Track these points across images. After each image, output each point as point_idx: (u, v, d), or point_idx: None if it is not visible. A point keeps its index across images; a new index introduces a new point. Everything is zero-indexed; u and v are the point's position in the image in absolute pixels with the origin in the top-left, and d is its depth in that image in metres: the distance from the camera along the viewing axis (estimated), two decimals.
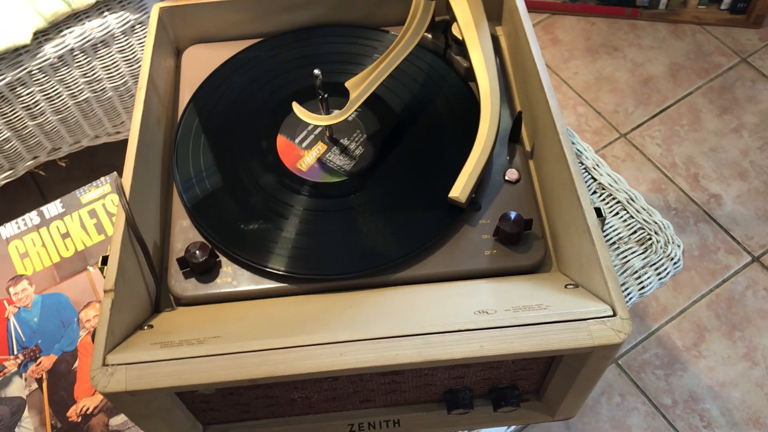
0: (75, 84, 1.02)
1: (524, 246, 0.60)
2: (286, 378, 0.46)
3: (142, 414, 0.50)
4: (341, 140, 0.66)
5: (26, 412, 0.65)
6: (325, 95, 0.63)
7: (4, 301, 0.70)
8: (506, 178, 0.64)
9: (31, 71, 0.97)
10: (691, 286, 1.25)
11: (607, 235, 0.72)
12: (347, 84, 0.63)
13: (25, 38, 0.93)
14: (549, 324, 0.47)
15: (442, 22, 0.71)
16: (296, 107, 0.62)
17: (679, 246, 0.72)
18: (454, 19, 0.69)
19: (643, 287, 0.69)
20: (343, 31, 0.74)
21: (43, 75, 0.99)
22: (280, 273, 0.58)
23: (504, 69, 0.73)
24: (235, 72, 0.71)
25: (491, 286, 0.56)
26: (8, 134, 1.03)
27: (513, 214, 0.59)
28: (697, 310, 1.23)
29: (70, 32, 0.97)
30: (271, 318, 0.54)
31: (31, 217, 0.75)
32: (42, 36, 0.96)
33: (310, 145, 0.65)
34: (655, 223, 0.72)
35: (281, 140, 0.66)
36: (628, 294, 0.69)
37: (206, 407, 0.56)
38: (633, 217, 0.73)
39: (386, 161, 0.64)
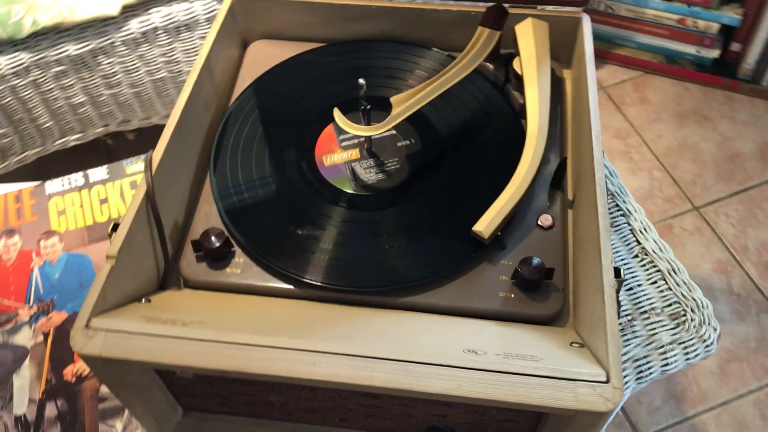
0: (154, 61, 1.05)
1: (542, 295, 0.57)
2: (256, 377, 0.45)
3: (116, 384, 0.50)
4: (379, 155, 0.65)
5: (27, 362, 0.66)
6: (368, 106, 0.62)
7: (33, 252, 0.73)
8: (539, 222, 0.61)
9: (115, 42, 1.01)
10: (740, 379, 1.17)
11: (639, 302, 0.68)
12: (392, 99, 0.62)
13: (114, 10, 0.97)
14: (534, 377, 0.44)
15: (506, 55, 0.70)
16: (337, 113, 0.61)
17: (715, 329, 0.67)
18: (518, 53, 0.68)
19: (666, 364, 0.65)
20: (405, 49, 0.73)
21: (125, 48, 1.02)
22: (287, 274, 0.57)
23: (563, 114, 0.71)
24: (290, 72, 0.72)
25: (494, 329, 0.53)
26: (84, 99, 1.07)
27: (535, 260, 0.56)
28: (741, 406, 1.15)
29: (157, 11, 1.00)
30: (265, 316, 0.54)
31: (77, 178, 0.78)
32: (130, 11, 1.00)
33: (346, 147, 0.65)
34: (694, 300, 0.68)
35: (327, 131, 0.66)
36: (649, 368, 0.65)
37: (186, 391, 0.56)
38: (671, 290, 0.69)
39: (419, 182, 0.63)
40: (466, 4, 0.72)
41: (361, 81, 0.59)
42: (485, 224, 0.58)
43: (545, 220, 0.61)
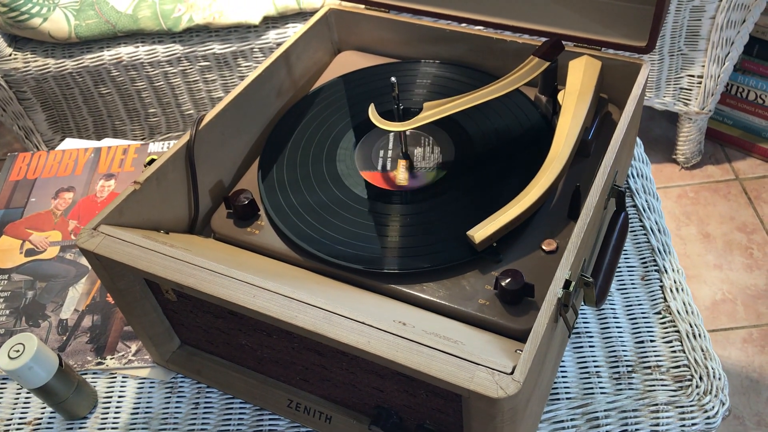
0: None
1: (520, 310, 0.57)
2: (205, 296, 0.51)
3: (111, 287, 0.58)
4: (412, 158, 0.69)
5: (83, 279, 0.77)
6: (401, 106, 0.67)
7: None
8: (542, 246, 0.62)
9: (254, 48, 1.14)
10: None
11: (646, 357, 0.65)
12: (425, 104, 0.66)
13: (256, 20, 1.11)
14: (441, 352, 0.45)
15: (557, 89, 0.71)
16: (372, 109, 0.67)
17: (723, 403, 0.62)
18: (564, 86, 0.69)
19: (657, 424, 0.61)
20: (468, 74, 0.77)
21: (262, 55, 1.15)
22: (289, 237, 0.63)
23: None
24: (358, 80, 0.78)
25: (448, 323, 0.55)
26: (222, 94, 1.22)
27: (517, 273, 0.57)
28: None
29: (293, 26, 1.13)
30: (251, 264, 0.59)
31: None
32: (270, 22, 1.13)
33: (393, 167, 0.69)
34: (707, 368, 0.63)
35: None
36: (637, 423, 0.61)
37: (176, 318, 0.62)
38: (685, 352, 0.65)
39: (438, 186, 0.66)
40: (533, 38, 0.75)
41: (393, 79, 0.64)
42: (478, 231, 0.60)
43: (548, 244, 0.62)
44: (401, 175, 0.67)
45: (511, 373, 0.44)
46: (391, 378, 0.52)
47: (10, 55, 1.16)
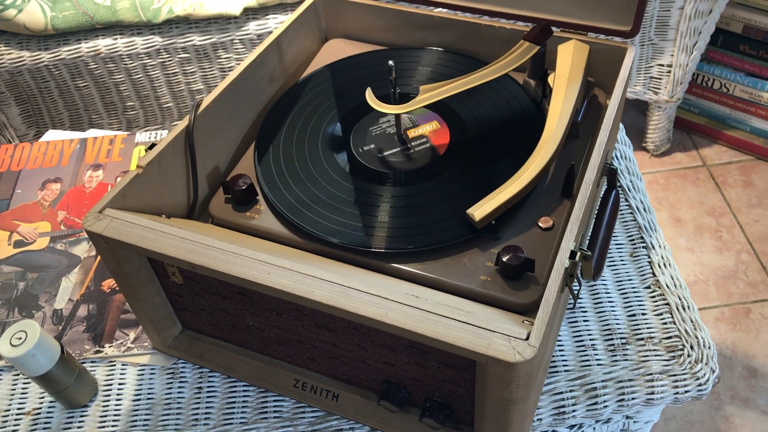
0: None
1: (521, 284, 0.59)
2: (218, 275, 0.51)
3: (117, 270, 0.58)
4: (407, 141, 0.70)
5: (76, 269, 0.76)
6: (397, 90, 0.68)
7: (109, 186, 0.84)
8: (539, 223, 0.64)
9: (234, 40, 1.14)
10: None
11: (639, 329, 0.68)
12: (421, 87, 0.67)
13: (236, 11, 1.11)
14: (457, 321, 0.47)
15: (546, 73, 0.73)
16: (369, 92, 0.68)
17: (713, 371, 0.65)
18: (554, 69, 0.71)
19: (653, 393, 0.64)
20: (457, 60, 0.79)
21: (242, 46, 1.15)
22: (289, 218, 0.63)
23: (594, 135, 0.73)
24: (348, 67, 0.79)
25: (453, 298, 0.56)
26: (201, 86, 1.21)
27: (517, 249, 0.59)
28: None
29: (273, 17, 1.13)
30: (251, 247, 0.60)
31: (162, 133, 0.89)
32: (251, 13, 1.13)
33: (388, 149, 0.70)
34: (697, 337, 0.66)
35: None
36: (633, 393, 0.64)
37: (180, 302, 0.63)
38: (675, 323, 0.67)
39: (434, 167, 0.67)
40: (520, 24, 0.76)
41: (391, 63, 0.66)
42: (478, 209, 0.61)
43: (545, 222, 0.64)
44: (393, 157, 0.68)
45: (527, 338, 0.46)
46: (402, 351, 0.53)
47: None
